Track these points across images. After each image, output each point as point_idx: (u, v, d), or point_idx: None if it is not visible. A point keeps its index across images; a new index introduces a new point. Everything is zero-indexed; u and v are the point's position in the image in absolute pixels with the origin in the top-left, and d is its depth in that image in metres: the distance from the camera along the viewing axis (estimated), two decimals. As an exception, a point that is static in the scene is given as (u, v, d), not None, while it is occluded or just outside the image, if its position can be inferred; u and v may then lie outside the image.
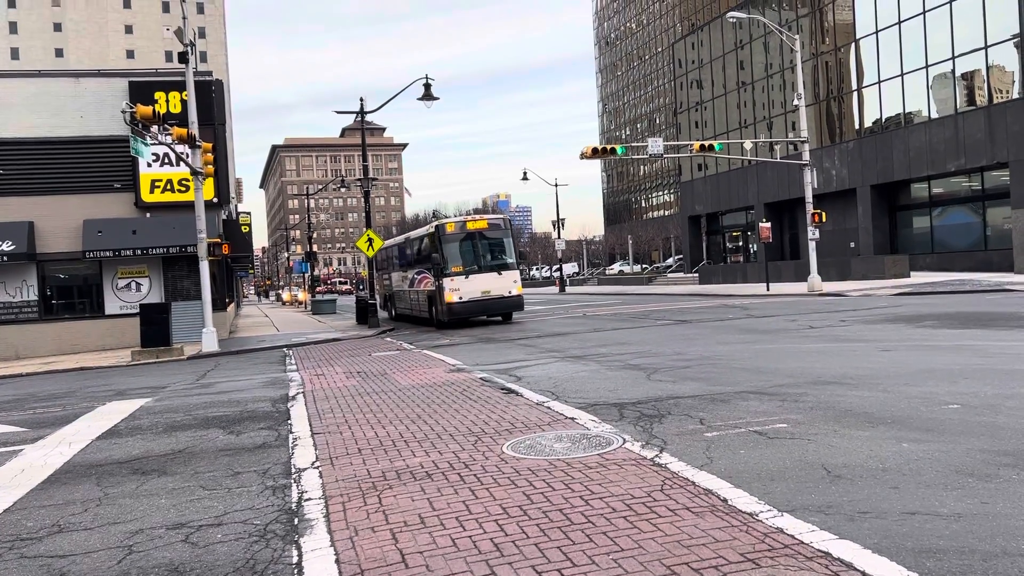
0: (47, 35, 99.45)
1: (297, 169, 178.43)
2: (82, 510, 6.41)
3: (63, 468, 7.95)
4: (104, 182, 27.03)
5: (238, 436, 9.06)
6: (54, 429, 10.28)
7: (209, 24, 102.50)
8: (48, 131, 27.00)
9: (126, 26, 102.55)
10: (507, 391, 10.76)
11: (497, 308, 25.99)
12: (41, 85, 27.84)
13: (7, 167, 26.32)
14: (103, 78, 28.80)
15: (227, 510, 6.12)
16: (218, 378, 15.48)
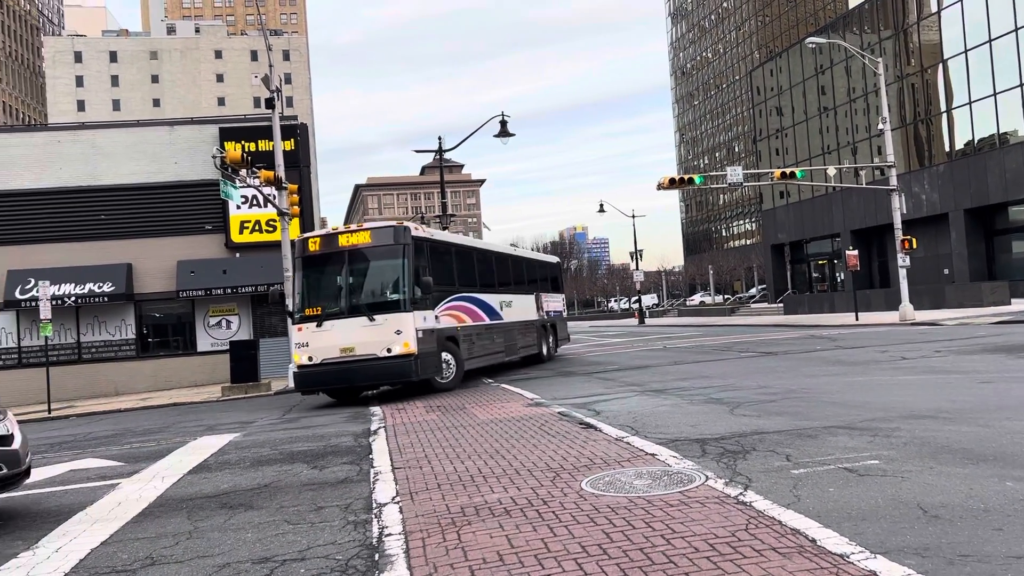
0: (146, 86, 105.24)
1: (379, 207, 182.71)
2: (173, 543, 6.61)
3: (156, 502, 8.23)
4: (196, 224, 28.25)
5: (321, 471, 9.22)
6: (149, 463, 10.68)
7: (294, 70, 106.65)
8: (145, 177, 28.46)
9: (217, 75, 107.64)
10: (586, 426, 10.66)
11: (364, 377, 16.03)
12: (139, 134, 29.44)
13: (108, 212, 27.80)
14: (195, 125, 30.26)
15: (310, 544, 6.21)
16: (303, 413, 15.83)
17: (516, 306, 22.70)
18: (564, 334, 27.74)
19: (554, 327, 26.22)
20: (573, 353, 26.92)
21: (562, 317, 27.77)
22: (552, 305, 26.42)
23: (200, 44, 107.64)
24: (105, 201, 27.95)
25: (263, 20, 29.75)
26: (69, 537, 7.02)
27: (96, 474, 10.35)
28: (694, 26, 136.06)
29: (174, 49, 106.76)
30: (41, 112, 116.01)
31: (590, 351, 28.77)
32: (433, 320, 16.89)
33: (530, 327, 23.68)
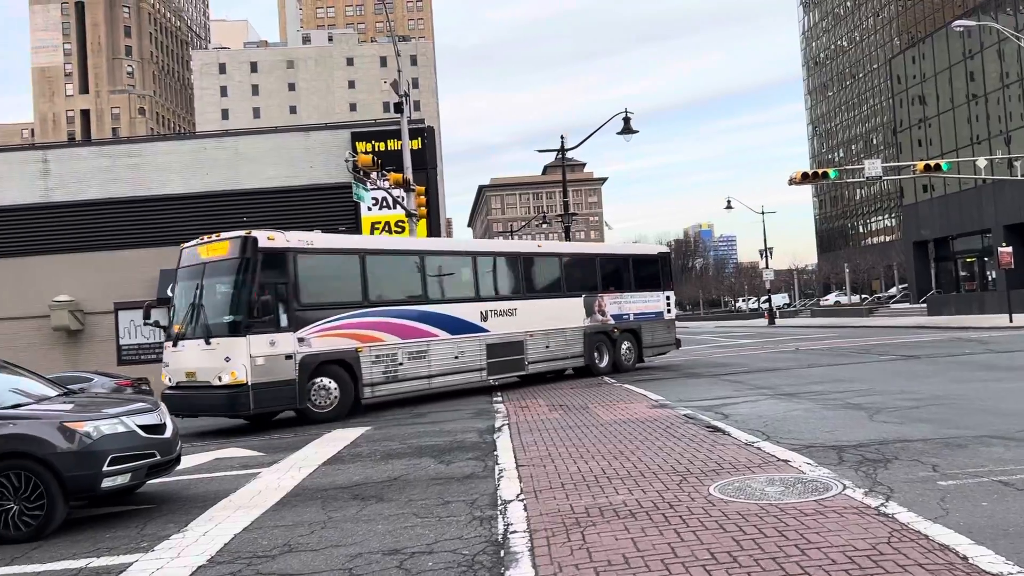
0: (283, 94, 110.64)
1: (502, 207, 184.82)
2: (309, 532, 6.89)
3: (293, 491, 8.62)
4: (331, 226, 29.36)
5: (448, 466, 9.39)
6: (286, 454, 11.20)
7: (421, 74, 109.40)
8: (283, 181, 29.91)
9: (349, 81, 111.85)
10: (713, 429, 10.39)
11: (202, 407, 14.65)
12: (278, 140, 30.98)
13: (250, 214, 29.39)
14: (329, 131, 31.56)
15: (438, 538, 6.34)
16: (429, 408, 16.20)
17: (528, 314, 19.32)
18: (664, 339, 23.20)
19: (635, 332, 22.09)
20: (685, 359, 26.21)
21: (661, 319, 23.10)
22: (633, 306, 22.22)
23: (333, 52, 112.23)
24: (247, 204, 29.54)
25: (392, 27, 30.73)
26: (215, 522, 7.44)
27: (239, 463, 10.95)
28: (828, 14, 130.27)
29: (309, 58, 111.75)
30: (189, 121, 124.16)
31: (716, 353, 28.06)
32: (294, 344, 14.53)
33: (571, 335, 20.26)
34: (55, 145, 36.16)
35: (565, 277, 20.90)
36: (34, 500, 7.39)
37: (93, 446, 7.62)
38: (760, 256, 63.68)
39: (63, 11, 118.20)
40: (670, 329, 23.59)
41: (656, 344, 23.00)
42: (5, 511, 7.36)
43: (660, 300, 23.34)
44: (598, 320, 21.24)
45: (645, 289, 22.85)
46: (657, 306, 23.19)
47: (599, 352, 21.16)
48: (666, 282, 23.72)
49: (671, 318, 23.71)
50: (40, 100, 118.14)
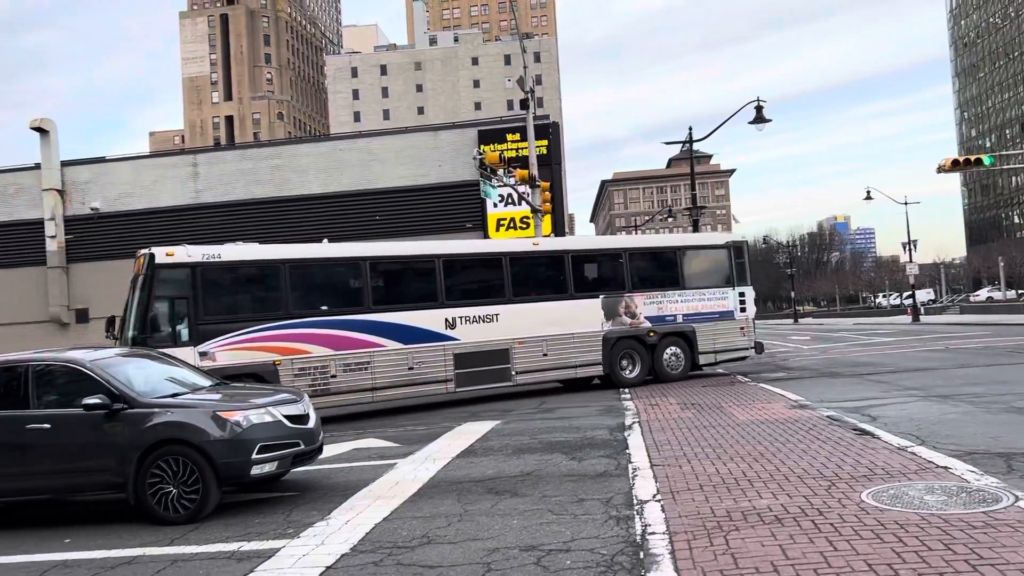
0: (411, 96, 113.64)
1: (624, 202, 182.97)
2: (446, 524, 6.96)
3: (429, 483, 8.76)
4: (458, 222, 29.92)
5: (580, 462, 9.30)
6: (421, 446, 11.42)
7: (544, 71, 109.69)
8: (413, 180, 30.67)
9: (474, 81, 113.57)
10: (860, 432, 9.82)
11: None
12: (407, 140, 31.79)
13: (382, 213, 30.30)
14: (457, 129, 32.11)
15: (574, 536, 6.25)
16: (557, 403, 16.16)
17: (515, 320, 17.51)
18: (733, 343, 19.84)
19: (685, 336, 19.20)
20: (821, 359, 24.90)
21: (728, 319, 19.70)
22: (683, 306, 19.30)
23: (459, 53, 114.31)
24: (378, 203, 30.49)
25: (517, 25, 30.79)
26: (356, 511, 7.65)
27: (376, 453, 11.25)
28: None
29: (435, 59, 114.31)
30: (324, 124, 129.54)
31: (856, 351, 26.68)
32: (194, 358, 14.11)
33: (582, 341, 18.17)
34: (203, 150, 38.53)
35: (572, 277, 18.51)
36: (190, 485, 7.83)
37: (243, 435, 7.99)
38: (903, 249, 60.15)
39: (209, 23, 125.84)
40: (744, 332, 20.04)
41: (720, 349, 19.70)
42: (165, 494, 7.83)
43: (728, 298, 19.86)
44: (625, 323, 18.68)
45: (703, 286, 19.71)
46: (722, 305, 19.81)
47: (629, 359, 18.71)
48: (739, 277, 20.15)
49: (745, 318, 20.04)
50: (189, 108, 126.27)
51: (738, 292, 20.07)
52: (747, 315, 20.17)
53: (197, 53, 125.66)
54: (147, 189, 31.52)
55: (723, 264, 20.18)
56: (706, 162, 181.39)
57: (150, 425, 7.95)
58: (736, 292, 20.04)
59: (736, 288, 20.06)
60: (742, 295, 20.13)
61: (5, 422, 8.24)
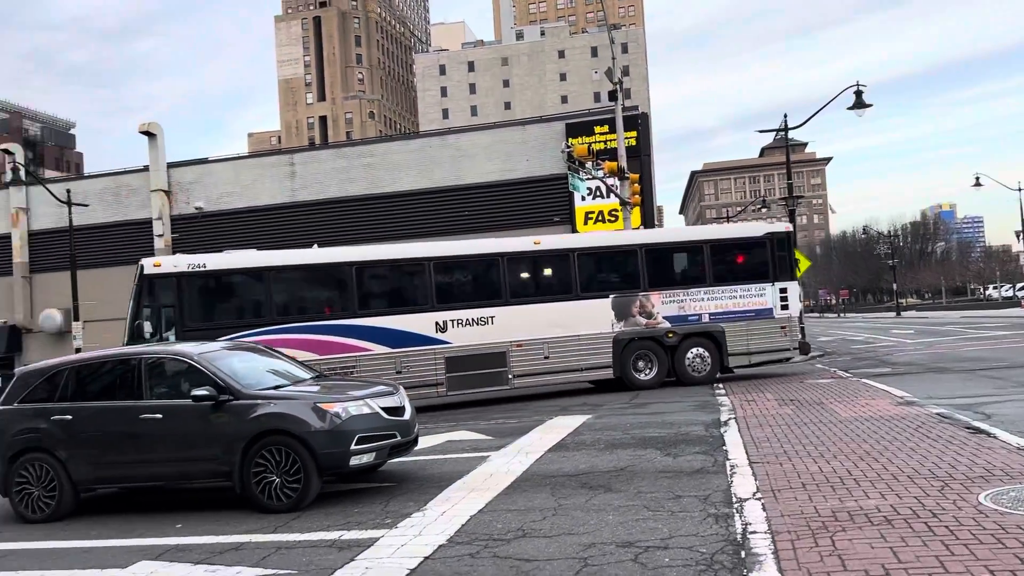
0: (498, 91, 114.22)
1: (715, 193, 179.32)
2: (540, 518, 6.95)
3: (522, 476, 8.77)
4: (546, 216, 29.92)
5: (675, 459, 9.14)
6: (512, 439, 11.46)
7: (632, 62, 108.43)
8: (500, 175, 30.82)
9: (560, 74, 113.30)
10: (974, 431, 9.32)
11: None
12: (495, 136, 31.96)
13: (471, 208, 30.58)
14: (544, 123, 32.07)
15: (671, 533, 6.15)
16: (650, 399, 15.96)
17: (512, 322, 17.06)
18: (771, 343, 18.23)
19: (712, 336, 17.94)
20: (927, 353, 23.72)
21: (766, 318, 18.07)
22: (709, 304, 18.01)
23: (545, 46, 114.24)
24: (468, 198, 30.78)
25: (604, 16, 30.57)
26: (451, 503, 7.73)
27: (469, 446, 11.36)
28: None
29: (522, 54, 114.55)
30: (413, 122, 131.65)
31: (965, 346, 25.39)
32: None
33: (588, 343, 17.47)
34: (299, 149, 39.72)
35: (578, 276, 17.76)
36: (293, 474, 8.07)
37: (343, 426, 8.18)
38: (1016, 238, 56.87)
39: (303, 27, 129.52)
40: (786, 331, 18.27)
41: (756, 350, 18.14)
42: (268, 483, 8.09)
43: (766, 295, 18.17)
44: (639, 324, 17.77)
45: (736, 281, 18.21)
46: (758, 302, 18.17)
47: (646, 361, 17.85)
48: (780, 271, 18.36)
49: (787, 316, 18.30)
50: (285, 109, 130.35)
51: (778, 288, 18.32)
52: (789, 313, 18.43)
53: (292, 56, 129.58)
54: (247, 188, 32.72)
55: (761, 258, 18.50)
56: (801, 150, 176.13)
57: (254, 416, 8.23)
58: (776, 288, 18.31)
59: (776, 284, 18.32)
60: (783, 291, 18.36)
61: (121, 412, 8.69)
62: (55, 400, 8.97)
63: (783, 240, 18.71)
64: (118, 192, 33.45)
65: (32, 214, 33.82)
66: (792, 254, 19.08)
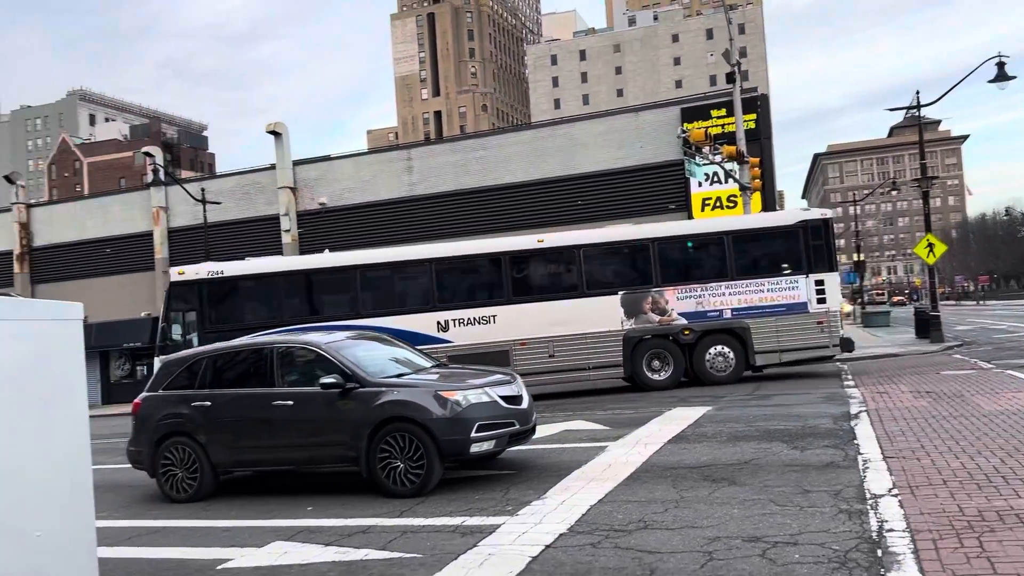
0: (610, 79, 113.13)
1: (840, 175, 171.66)
2: (662, 510, 6.84)
3: (642, 467, 8.66)
4: (660, 204, 29.41)
5: (802, 452, 8.81)
6: (630, 429, 11.33)
7: (749, 42, 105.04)
8: (613, 163, 30.48)
9: (674, 59, 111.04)
10: None
11: None
12: (607, 123, 31.65)
13: (584, 197, 30.43)
14: (658, 109, 31.51)
15: (801, 529, 5.92)
16: (773, 390, 15.45)
17: (515, 321, 17.05)
18: (804, 339, 17.04)
19: (734, 332, 17.12)
20: None
21: (799, 312, 16.99)
22: (731, 299, 17.15)
23: (658, 31, 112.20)
24: (580, 188, 30.63)
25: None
26: (570, 492, 7.71)
27: (586, 436, 11.31)
28: None
29: (634, 40, 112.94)
30: (524, 113, 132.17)
31: None
32: None
33: (597, 342, 17.10)
34: (416, 144, 40.59)
35: (584, 273, 17.50)
36: (416, 460, 8.26)
37: (463, 413, 8.31)
38: None
39: (417, 23, 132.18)
40: (824, 326, 16.98)
41: (787, 347, 17.04)
42: (393, 468, 8.32)
43: (799, 287, 17.03)
44: (652, 321, 17.24)
45: (763, 274, 17.24)
46: (790, 296, 17.08)
47: (661, 360, 17.24)
48: (816, 262, 17.11)
49: (824, 311, 16.99)
50: (401, 106, 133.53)
51: (814, 280, 17.08)
52: (827, 307, 17.08)
53: (407, 52, 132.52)
54: (366, 184, 33.73)
55: (794, 248, 17.29)
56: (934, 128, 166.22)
57: (379, 403, 8.47)
58: (810, 280, 17.08)
59: (811, 275, 17.10)
60: (820, 283, 17.09)
61: (255, 398, 9.13)
62: (195, 387, 9.52)
63: (819, 228, 17.40)
64: (248, 190, 35.16)
65: (171, 212, 36.01)
66: (832, 243, 17.72)
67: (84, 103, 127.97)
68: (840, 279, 17.96)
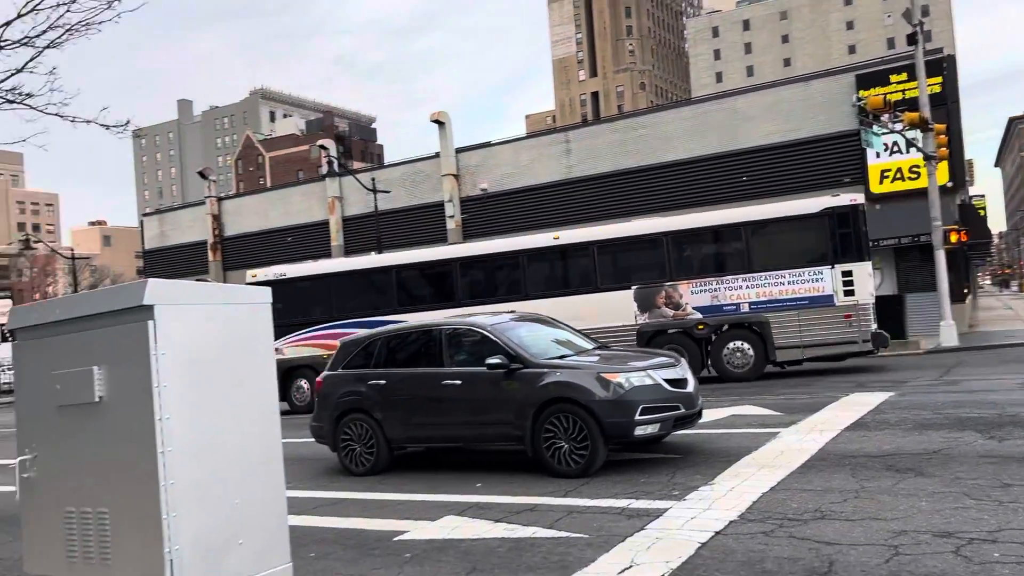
0: (776, 48, 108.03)
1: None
2: (841, 500, 6.49)
3: (817, 455, 8.25)
4: (834, 177, 27.77)
5: (1000, 443, 8.08)
6: (803, 415, 10.83)
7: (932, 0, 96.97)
8: (781, 136, 29.05)
9: (847, 23, 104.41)
10: None
11: None
12: (775, 94, 30.18)
13: (748, 173, 29.27)
14: (829, 77, 29.70)
15: (1000, 526, 5.44)
16: (964, 375, 14.30)
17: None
18: (828, 334, 16.11)
19: (753, 327, 16.50)
20: None
21: (825, 306, 16.09)
22: (749, 292, 16.55)
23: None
24: (744, 163, 29.46)
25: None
26: (740, 478, 7.48)
27: (755, 421, 10.93)
28: None
29: (802, 5, 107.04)
30: (684, 89, 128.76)
31: None
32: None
33: (609, 336, 16.18)
34: (574, 127, 40.50)
35: (599, 269, 17.64)
36: (580, 441, 8.29)
37: (626, 396, 8.25)
38: None
39: (574, 4, 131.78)
40: (851, 320, 15.93)
41: (811, 343, 16.14)
42: (558, 448, 8.39)
43: (823, 279, 16.16)
44: (666, 315, 16.96)
45: (784, 265, 16.46)
46: (814, 288, 16.21)
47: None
48: (843, 252, 16.17)
49: (852, 303, 15.98)
50: (559, 88, 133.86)
51: (840, 271, 16.05)
52: (855, 299, 15.95)
53: (564, 35, 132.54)
54: (526, 168, 34.07)
55: (818, 237, 16.41)
56: None
57: (542, 384, 8.56)
58: (836, 271, 16.07)
59: (837, 266, 16.08)
60: (847, 275, 16.02)
61: (426, 378, 9.49)
62: (371, 366, 10.02)
63: (846, 215, 16.27)
64: (414, 178, 36.45)
65: (345, 202, 37.96)
66: (860, 231, 16.40)
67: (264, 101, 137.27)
68: (872, 269, 16.66)
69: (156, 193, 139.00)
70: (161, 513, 3.85)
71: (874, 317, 16.34)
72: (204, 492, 4.03)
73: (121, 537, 4.02)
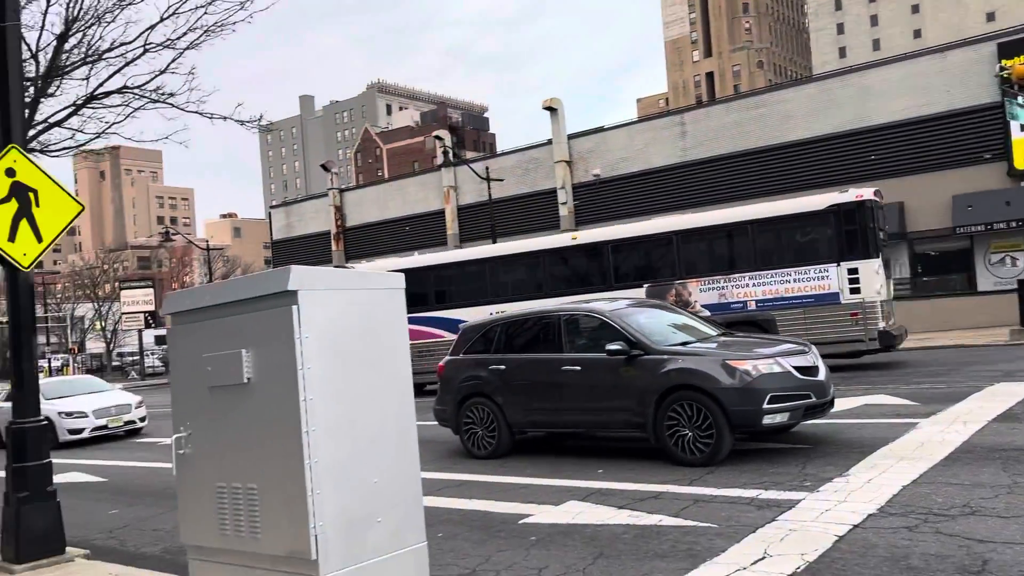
0: (904, 19, 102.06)
1: None
2: (992, 495, 6.11)
3: (962, 447, 7.79)
4: (972, 154, 26.10)
5: None
6: (944, 406, 10.23)
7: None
8: (914, 112, 27.47)
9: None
10: None
11: None
12: (905, 68, 28.54)
13: (878, 151, 27.84)
14: (968, 47, 27.82)
15: None
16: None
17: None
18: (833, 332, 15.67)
19: (758, 325, 16.08)
20: None
21: (830, 304, 15.70)
22: (754, 290, 16.45)
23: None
24: (873, 141, 28.02)
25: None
26: (877, 470, 7.15)
27: (890, 411, 10.41)
28: None
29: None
30: (804, 66, 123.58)
31: None
32: None
33: None
34: (689, 108, 39.56)
35: (612, 268, 18.29)
36: (704, 430, 8.13)
37: (753, 384, 8.02)
38: None
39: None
40: (858, 319, 15.45)
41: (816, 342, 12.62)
42: (681, 436, 8.26)
43: (829, 277, 15.80)
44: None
45: (789, 263, 16.25)
46: (820, 286, 15.88)
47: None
48: (850, 249, 15.71)
49: (859, 301, 15.51)
50: (671, 70, 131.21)
51: (846, 269, 15.69)
52: (862, 297, 15.56)
53: (677, 15, 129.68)
54: (639, 152, 33.59)
55: (824, 234, 16.16)
56: None
57: (664, 371, 8.43)
58: (843, 269, 15.72)
59: (843, 264, 15.72)
60: (853, 272, 15.65)
61: (546, 363, 9.52)
62: (491, 352, 10.14)
63: (853, 212, 15.93)
64: (527, 166, 36.58)
65: (459, 191, 38.52)
66: (868, 227, 15.85)
67: (381, 94, 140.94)
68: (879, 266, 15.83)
69: (281, 186, 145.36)
70: (306, 491, 4.01)
71: (883, 315, 15.73)
72: (345, 471, 4.17)
73: (269, 512, 4.22)
